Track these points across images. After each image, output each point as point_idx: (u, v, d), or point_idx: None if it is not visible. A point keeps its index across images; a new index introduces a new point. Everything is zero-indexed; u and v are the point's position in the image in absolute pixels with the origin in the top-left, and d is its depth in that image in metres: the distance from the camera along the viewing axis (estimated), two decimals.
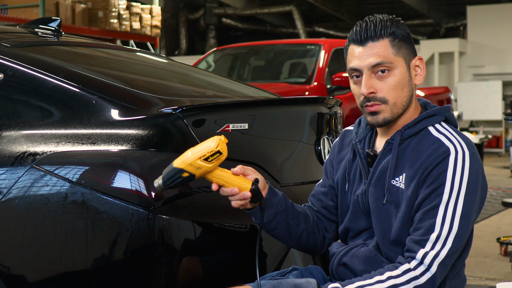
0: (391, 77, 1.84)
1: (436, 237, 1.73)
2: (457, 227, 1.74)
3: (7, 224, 2.10)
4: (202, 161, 1.85)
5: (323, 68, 6.91)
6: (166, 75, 2.88)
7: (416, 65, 1.88)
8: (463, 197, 1.74)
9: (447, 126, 1.86)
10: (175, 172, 1.86)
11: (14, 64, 2.30)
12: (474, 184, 1.76)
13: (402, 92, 1.85)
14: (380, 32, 1.84)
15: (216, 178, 1.89)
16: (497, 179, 11.04)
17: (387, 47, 1.83)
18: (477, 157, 1.80)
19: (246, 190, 1.88)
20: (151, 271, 1.98)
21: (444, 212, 1.74)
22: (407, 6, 19.59)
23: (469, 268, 4.99)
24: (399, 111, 1.86)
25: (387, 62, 1.83)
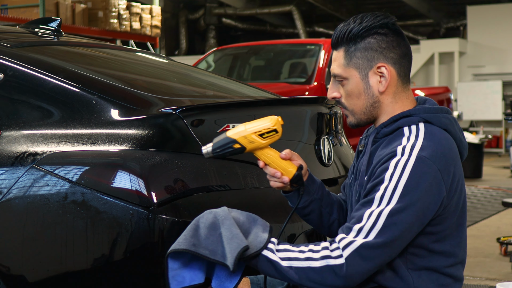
0: (345, 86, 1.90)
1: (359, 228, 1.73)
2: (381, 223, 1.71)
3: (7, 224, 2.10)
4: (257, 136, 1.89)
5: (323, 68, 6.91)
6: (166, 75, 2.88)
7: (377, 72, 1.87)
8: (398, 197, 1.72)
9: (422, 128, 1.82)
10: (227, 142, 1.89)
11: (14, 64, 2.30)
12: (414, 186, 1.72)
13: (358, 101, 1.89)
14: (338, 42, 1.90)
15: (265, 156, 1.93)
16: (497, 179, 11.04)
17: (341, 58, 1.89)
18: (428, 162, 1.74)
19: (289, 175, 1.93)
20: (151, 271, 1.98)
21: (375, 207, 1.73)
22: (407, 6, 19.58)
23: (469, 268, 4.99)
24: (361, 117, 1.91)
25: (337, 75, 1.90)
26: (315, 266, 1.73)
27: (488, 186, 9.93)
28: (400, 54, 1.88)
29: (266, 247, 1.77)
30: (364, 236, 1.72)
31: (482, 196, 8.92)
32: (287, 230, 2.26)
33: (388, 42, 1.87)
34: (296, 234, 2.32)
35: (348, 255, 1.71)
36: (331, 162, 2.62)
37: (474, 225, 6.80)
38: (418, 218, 1.74)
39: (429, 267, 1.83)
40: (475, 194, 9.07)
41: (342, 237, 1.74)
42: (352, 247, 1.71)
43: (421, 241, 1.81)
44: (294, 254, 1.76)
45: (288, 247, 1.78)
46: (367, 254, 1.71)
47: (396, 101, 1.88)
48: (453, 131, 1.87)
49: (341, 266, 1.71)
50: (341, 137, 2.89)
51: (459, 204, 1.84)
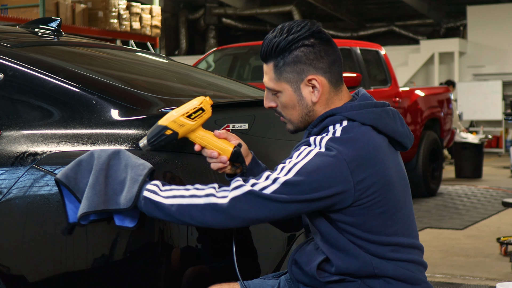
0: (279, 98, 1.95)
1: (255, 182, 1.79)
2: (275, 187, 1.77)
3: (7, 224, 2.10)
4: (185, 118, 1.91)
5: None
6: (166, 75, 2.88)
7: (308, 84, 1.90)
8: (295, 172, 1.78)
9: (344, 125, 1.86)
10: (158, 130, 1.91)
11: (14, 64, 2.30)
12: (314, 168, 1.77)
13: (293, 111, 1.94)
14: (266, 56, 1.93)
15: (199, 139, 1.93)
16: (497, 179, 11.04)
17: (271, 72, 1.93)
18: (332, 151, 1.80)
19: (227, 154, 1.93)
20: (151, 271, 1.98)
21: (275, 173, 1.80)
22: (407, 6, 19.58)
23: (469, 268, 4.99)
24: (299, 125, 1.96)
25: (270, 88, 1.94)
26: (197, 203, 1.79)
27: (488, 186, 9.93)
28: (329, 62, 1.91)
29: (147, 190, 1.83)
30: (251, 189, 1.78)
31: (482, 196, 8.92)
32: None
33: (315, 53, 1.89)
34: (295, 234, 2.32)
35: (235, 195, 1.78)
36: None
37: (474, 225, 6.80)
38: (308, 196, 1.78)
39: (372, 253, 1.86)
40: (475, 194, 9.07)
41: (237, 180, 1.81)
42: (242, 190, 1.78)
43: (353, 231, 1.85)
44: (179, 192, 1.82)
45: (174, 187, 1.84)
46: (253, 201, 1.77)
47: (329, 105, 1.93)
48: (381, 124, 1.89)
49: (223, 205, 1.77)
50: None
51: (387, 196, 1.85)
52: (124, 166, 1.90)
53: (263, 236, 2.19)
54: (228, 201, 1.78)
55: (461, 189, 9.63)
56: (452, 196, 8.91)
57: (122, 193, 1.87)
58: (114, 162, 1.91)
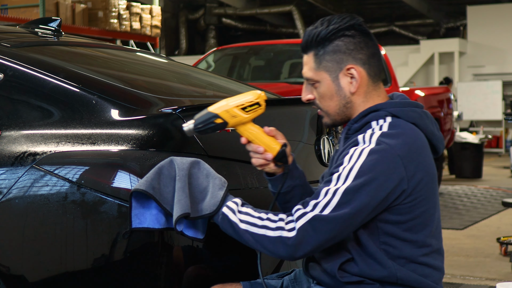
0: (317, 88, 1.94)
1: (315, 203, 1.79)
2: (336, 200, 1.77)
3: (7, 224, 2.10)
4: (239, 110, 1.88)
5: None
6: (166, 75, 2.88)
7: (347, 74, 1.91)
8: (353, 176, 1.78)
9: (388, 120, 1.87)
10: (209, 117, 1.87)
11: (14, 64, 2.30)
12: (370, 168, 1.77)
13: (331, 102, 1.93)
14: (306, 46, 1.93)
15: (248, 132, 1.91)
16: (497, 179, 11.04)
17: (311, 62, 1.94)
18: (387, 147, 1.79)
19: (273, 152, 1.92)
20: (151, 271, 1.98)
21: (332, 186, 1.80)
22: (407, 6, 19.58)
23: (469, 268, 4.99)
24: (336, 118, 1.95)
25: (309, 78, 1.94)
26: (269, 236, 1.80)
27: (488, 186, 9.93)
28: (369, 55, 1.92)
29: (227, 206, 1.85)
30: (320, 211, 1.77)
31: (482, 196, 8.92)
32: None
33: (355, 43, 1.90)
34: None
35: (300, 226, 1.78)
36: None
37: (474, 225, 6.80)
38: (373, 198, 1.78)
39: (403, 256, 1.86)
40: (475, 194, 9.07)
41: (298, 208, 1.81)
42: (305, 218, 1.78)
43: (393, 230, 1.84)
44: (253, 219, 1.83)
45: (249, 211, 1.85)
46: (318, 227, 1.77)
47: (367, 100, 1.93)
48: (422, 124, 1.91)
49: (291, 238, 1.78)
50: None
51: (429, 194, 1.86)
52: (205, 175, 1.91)
53: None
54: (295, 233, 1.78)
55: (461, 189, 9.63)
56: (452, 196, 8.91)
57: (205, 200, 1.88)
58: (195, 171, 1.92)
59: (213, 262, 2.07)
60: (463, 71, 18.20)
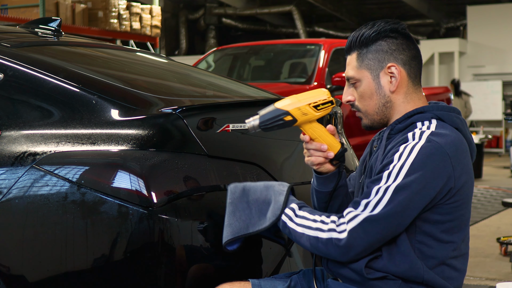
0: (358, 88, 1.98)
1: (366, 203, 1.81)
2: (388, 197, 1.79)
3: (7, 224, 2.10)
4: (311, 108, 1.87)
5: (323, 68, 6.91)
6: (166, 75, 2.88)
7: (388, 72, 1.95)
8: (404, 174, 1.79)
9: (434, 122, 1.89)
10: (279, 113, 1.86)
11: (14, 64, 2.30)
12: (421, 165, 1.79)
13: (370, 101, 1.96)
14: (351, 47, 1.99)
15: (312, 130, 1.91)
16: (497, 179, 11.05)
17: (353, 61, 1.98)
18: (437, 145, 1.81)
19: (334, 150, 1.93)
20: (151, 271, 1.98)
21: (383, 184, 1.81)
22: (407, 6, 19.57)
23: (469, 268, 4.99)
24: (374, 118, 1.97)
25: (351, 77, 1.98)
26: (321, 237, 1.83)
27: (488, 186, 9.93)
28: (410, 56, 1.96)
29: (285, 214, 1.89)
30: (371, 210, 1.79)
31: (482, 196, 8.93)
32: None
33: (398, 44, 1.95)
34: None
35: (351, 228, 1.80)
36: None
37: (474, 225, 6.80)
38: (422, 196, 1.80)
39: (436, 256, 1.87)
40: (475, 194, 9.08)
41: (350, 210, 1.83)
42: (357, 220, 1.80)
43: (430, 230, 1.85)
44: (308, 222, 1.87)
45: (306, 214, 1.88)
46: (370, 228, 1.79)
47: (408, 101, 1.96)
48: (464, 131, 1.94)
49: (343, 240, 1.80)
50: (341, 137, 2.89)
51: (469, 199, 1.90)
52: (264, 186, 1.95)
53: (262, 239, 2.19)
54: (346, 235, 1.80)
55: None
56: None
57: (269, 209, 1.91)
58: (251, 186, 1.96)
59: (217, 261, 2.07)
60: (463, 71, 18.19)
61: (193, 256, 2.04)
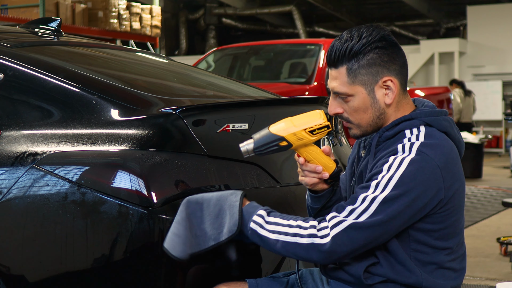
0: (350, 102, 1.90)
1: (352, 209, 1.79)
2: (374, 208, 1.77)
3: (7, 224, 2.10)
4: (306, 133, 1.84)
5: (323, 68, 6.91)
6: (166, 75, 2.88)
7: (383, 86, 1.89)
8: (393, 185, 1.77)
9: (422, 130, 1.86)
10: (274, 139, 1.83)
11: (14, 64, 2.30)
12: (411, 178, 1.77)
13: (365, 115, 1.91)
14: (337, 61, 1.89)
15: (307, 153, 1.88)
16: (497, 179, 11.04)
17: (343, 76, 1.89)
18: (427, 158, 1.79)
19: (329, 170, 1.91)
20: (151, 271, 1.98)
21: (370, 192, 1.79)
22: (407, 6, 19.58)
23: (469, 268, 4.99)
24: (367, 129, 1.93)
25: (342, 93, 1.89)
26: (301, 243, 1.80)
27: (488, 186, 9.93)
28: (401, 65, 1.91)
29: (254, 221, 1.84)
30: (355, 218, 1.77)
31: (482, 196, 8.92)
32: None
33: (389, 55, 1.89)
34: None
35: (336, 233, 1.77)
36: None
37: (474, 225, 6.80)
38: (410, 209, 1.78)
39: (434, 262, 1.86)
40: (475, 194, 9.07)
41: (334, 215, 1.80)
42: (341, 226, 1.78)
43: (424, 238, 1.84)
44: (283, 228, 1.82)
45: (278, 220, 1.84)
46: (354, 235, 1.77)
47: (398, 109, 1.92)
48: (452, 133, 1.91)
49: (326, 245, 1.77)
50: (341, 137, 2.89)
51: (461, 203, 1.88)
52: (216, 199, 1.89)
53: None
54: (330, 240, 1.77)
55: None
56: None
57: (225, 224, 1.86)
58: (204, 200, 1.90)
59: (215, 261, 2.07)
60: (463, 71, 18.19)
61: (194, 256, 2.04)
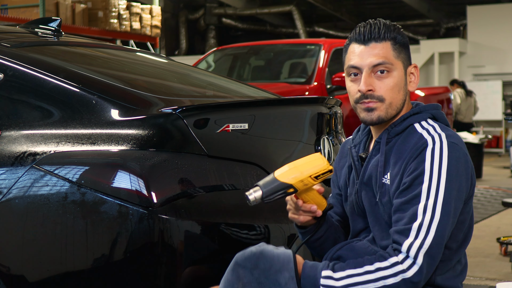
0: (389, 78, 1.88)
1: (418, 225, 1.74)
2: (439, 214, 1.75)
3: (7, 224, 2.10)
4: (312, 179, 1.83)
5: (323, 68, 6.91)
6: (166, 75, 2.88)
7: (411, 72, 1.93)
8: (444, 184, 1.76)
9: (433, 122, 1.89)
10: (282, 187, 1.82)
11: (14, 64, 2.30)
12: (455, 171, 1.78)
13: (398, 94, 1.89)
14: (384, 34, 1.89)
15: (306, 195, 1.88)
16: (497, 179, 11.04)
17: (388, 49, 1.88)
18: (458, 147, 1.81)
19: (322, 209, 1.91)
20: (151, 271, 1.98)
21: (425, 200, 1.75)
22: (407, 6, 19.57)
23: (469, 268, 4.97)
24: (393, 112, 1.90)
25: (388, 63, 1.87)
26: (391, 283, 1.73)
27: (488, 186, 9.93)
28: None
29: (323, 285, 1.75)
30: (426, 232, 1.73)
31: (482, 196, 8.92)
32: (287, 230, 2.26)
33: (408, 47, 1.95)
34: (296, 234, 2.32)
35: (421, 260, 1.73)
36: (331, 162, 2.62)
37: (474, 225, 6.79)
38: (461, 200, 1.81)
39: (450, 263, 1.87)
40: (475, 194, 9.06)
41: (406, 241, 1.74)
42: (422, 250, 1.73)
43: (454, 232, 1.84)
44: (360, 278, 1.75)
45: (349, 272, 1.76)
46: (436, 252, 1.75)
47: (407, 102, 1.94)
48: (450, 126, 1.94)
49: (416, 274, 1.73)
50: (341, 137, 2.89)
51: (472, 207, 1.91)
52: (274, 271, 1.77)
53: (263, 236, 2.19)
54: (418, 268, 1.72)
55: None
56: None
57: None
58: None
59: (217, 261, 2.07)
60: (463, 71, 18.19)
61: (193, 256, 2.04)
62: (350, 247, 1.95)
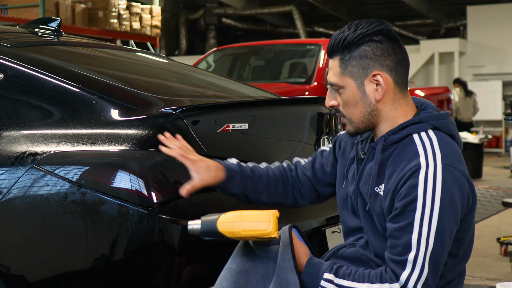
0: (342, 94, 1.88)
1: (414, 257, 1.72)
2: (433, 244, 1.72)
3: (7, 224, 2.10)
4: (248, 237, 1.81)
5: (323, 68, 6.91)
6: (166, 75, 2.88)
7: (372, 80, 1.84)
8: (438, 212, 1.72)
9: (433, 135, 1.82)
10: (217, 234, 1.82)
11: (14, 64, 2.30)
12: (449, 198, 1.73)
13: (355, 109, 1.86)
14: (332, 51, 1.88)
15: None
16: (497, 179, 11.04)
17: (336, 66, 1.87)
18: (452, 170, 1.75)
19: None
20: (151, 271, 1.98)
21: (419, 230, 1.72)
22: (407, 6, 19.57)
23: (469, 268, 4.99)
24: (359, 126, 1.88)
25: (333, 84, 1.87)
26: None
27: (488, 186, 9.92)
28: (396, 61, 1.85)
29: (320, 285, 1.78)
30: (422, 264, 1.72)
31: (482, 196, 8.92)
32: None
33: (383, 49, 1.84)
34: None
35: None
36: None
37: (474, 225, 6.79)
38: (456, 223, 1.78)
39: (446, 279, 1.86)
40: None
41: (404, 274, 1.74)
42: (421, 282, 1.73)
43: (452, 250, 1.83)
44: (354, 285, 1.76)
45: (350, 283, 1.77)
46: (433, 280, 1.75)
47: (396, 108, 1.86)
48: (457, 135, 1.88)
49: None
50: None
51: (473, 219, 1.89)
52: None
53: None
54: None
55: None
56: None
57: None
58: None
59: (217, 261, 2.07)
60: (463, 71, 18.19)
61: (193, 256, 2.04)
62: (341, 254, 1.95)
